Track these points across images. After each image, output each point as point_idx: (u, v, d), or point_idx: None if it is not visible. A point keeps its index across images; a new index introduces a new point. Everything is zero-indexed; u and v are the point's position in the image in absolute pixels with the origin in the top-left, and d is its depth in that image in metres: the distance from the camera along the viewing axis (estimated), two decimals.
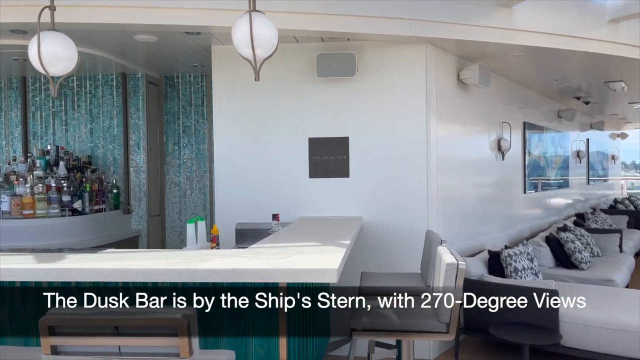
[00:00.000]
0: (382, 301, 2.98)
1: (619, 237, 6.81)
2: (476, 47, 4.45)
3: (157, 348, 1.74)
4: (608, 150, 12.51)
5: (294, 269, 2.22)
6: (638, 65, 5.34)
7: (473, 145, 5.29)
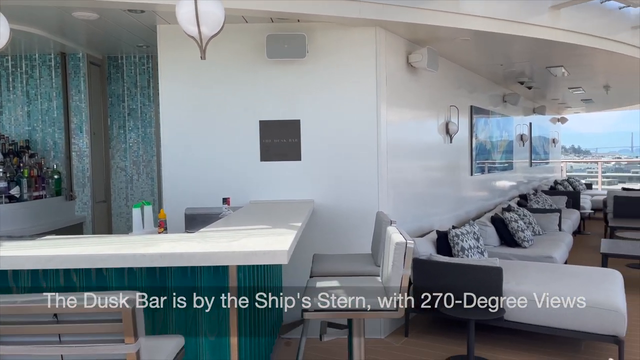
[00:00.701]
0: (333, 281, 3.01)
1: (559, 216, 7.14)
2: (425, 30, 4.49)
3: (100, 335, 1.68)
4: (549, 134, 13.06)
5: (243, 252, 2.19)
6: (577, 51, 5.58)
7: (422, 129, 5.38)
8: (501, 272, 4.01)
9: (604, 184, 17.84)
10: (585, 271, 4.56)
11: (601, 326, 3.72)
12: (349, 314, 2.65)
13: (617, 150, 39.73)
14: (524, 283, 4.17)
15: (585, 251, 7.81)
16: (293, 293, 4.42)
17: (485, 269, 4.05)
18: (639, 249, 5.81)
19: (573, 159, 30.02)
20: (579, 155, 37.97)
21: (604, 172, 20.24)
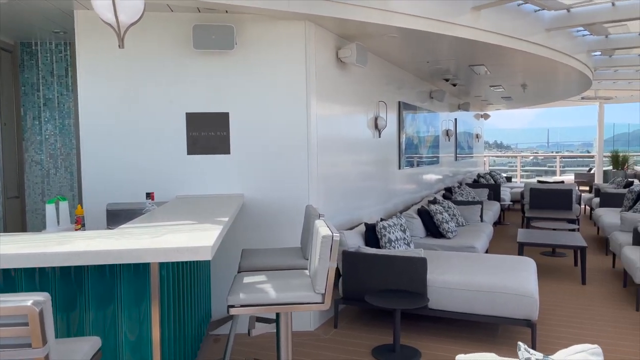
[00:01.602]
0: (260, 276, 2.99)
1: (480, 208, 7.50)
2: (354, 26, 4.55)
3: (4, 340, 1.57)
4: (473, 129, 13.69)
5: (165, 248, 2.12)
6: (497, 51, 5.86)
7: (352, 123, 5.46)
8: (425, 262, 4.16)
9: (522, 177, 18.99)
10: (503, 259, 4.82)
11: (515, 311, 3.95)
12: (276, 309, 2.64)
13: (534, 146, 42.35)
14: (447, 272, 4.34)
15: (504, 240, 8.28)
16: (221, 289, 4.37)
17: (410, 260, 4.19)
18: (550, 238, 6.22)
19: (496, 153, 31.70)
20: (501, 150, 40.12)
21: (523, 166, 21.52)
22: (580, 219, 9.81)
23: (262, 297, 2.63)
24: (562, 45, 6.49)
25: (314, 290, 2.68)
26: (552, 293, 5.45)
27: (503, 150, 39.50)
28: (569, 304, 5.10)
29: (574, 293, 5.45)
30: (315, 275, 2.71)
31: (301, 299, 2.66)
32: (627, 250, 5.41)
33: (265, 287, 2.72)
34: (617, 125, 19.39)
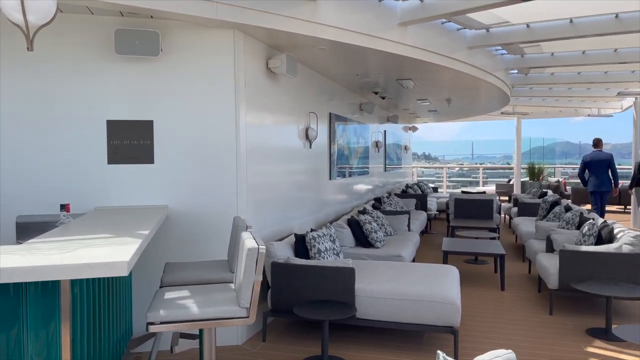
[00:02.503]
0: (183, 291, 2.89)
1: (408, 217, 7.71)
2: (284, 37, 4.55)
3: None
4: (402, 141, 14.11)
5: (75, 265, 1.99)
6: (423, 67, 6.08)
7: (283, 134, 5.44)
8: (353, 272, 4.20)
9: (448, 188, 19.77)
10: (428, 268, 4.96)
11: (439, 318, 4.07)
12: (198, 325, 2.55)
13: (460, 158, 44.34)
14: (375, 282, 4.41)
15: (431, 249, 8.55)
16: (144, 305, 4.18)
17: (339, 270, 4.21)
18: (473, 246, 6.49)
19: (424, 164, 32.84)
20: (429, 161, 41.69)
21: (449, 177, 22.44)
22: (500, 227, 10.33)
23: (184, 313, 2.54)
24: (482, 63, 6.84)
25: (239, 304, 2.62)
26: (474, 299, 5.68)
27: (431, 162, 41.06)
28: (490, 309, 5.33)
29: (494, 299, 5.71)
30: (240, 289, 2.65)
31: (225, 314, 2.59)
32: (541, 257, 5.75)
33: (187, 303, 2.62)
34: (534, 139, 20.74)
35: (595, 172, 9.58)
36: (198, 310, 2.56)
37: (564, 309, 5.30)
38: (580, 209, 7.22)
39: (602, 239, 5.52)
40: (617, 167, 9.56)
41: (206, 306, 2.59)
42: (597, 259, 4.97)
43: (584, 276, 4.98)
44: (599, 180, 9.53)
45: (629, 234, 5.19)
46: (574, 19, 5.61)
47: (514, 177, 16.46)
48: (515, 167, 16.37)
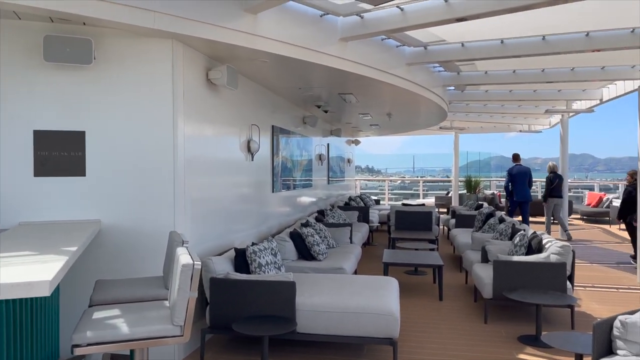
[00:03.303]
0: (114, 310, 2.76)
1: (350, 230, 7.78)
2: (224, 48, 4.50)
3: None
4: (345, 154, 14.28)
5: None
6: (363, 82, 6.20)
7: (224, 146, 5.37)
8: (294, 286, 4.17)
9: (390, 200, 20.17)
10: (368, 280, 5.01)
11: (378, 330, 4.11)
12: (129, 345, 2.44)
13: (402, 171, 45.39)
14: (316, 295, 4.39)
15: (372, 261, 8.65)
16: (73, 326, 3.96)
17: (279, 284, 4.17)
18: (412, 258, 6.63)
19: (367, 177, 33.36)
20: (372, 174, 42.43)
21: (391, 190, 22.91)
22: (439, 239, 10.62)
23: (113, 333, 2.42)
24: (421, 79, 7.06)
25: (172, 322, 2.53)
26: (413, 310, 5.78)
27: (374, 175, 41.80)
28: (428, 320, 5.44)
29: (433, 309, 5.84)
30: (174, 307, 2.57)
31: (157, 333, 2.49)
32: (476, 267, 5.95)
33: (117, 322, 2.51)
34: (470, 153, 21.60)
35: (519, 184, 10.62)
36: (128, 330, 2.45)
37: (498, 318, 5.49)
38: (512, 221, 7.55)
39: (532, 249, 5.78)
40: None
41: (137, 325, 2.49)
42: (528, 269, 5.20)
43: (516, 285, 5.18)
44: (522, 191, 10.60)
45: (556, 244, 5.47)
46: (504, 39, 5.90)
47: (452, 189, 17.02)
48: (453, 180, 16.95)
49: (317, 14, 4.94)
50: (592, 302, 6.15)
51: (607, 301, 6.23)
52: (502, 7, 4.21)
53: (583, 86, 9.32)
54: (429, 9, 4.62)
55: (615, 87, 8.88)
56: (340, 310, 4.18)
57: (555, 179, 11.22)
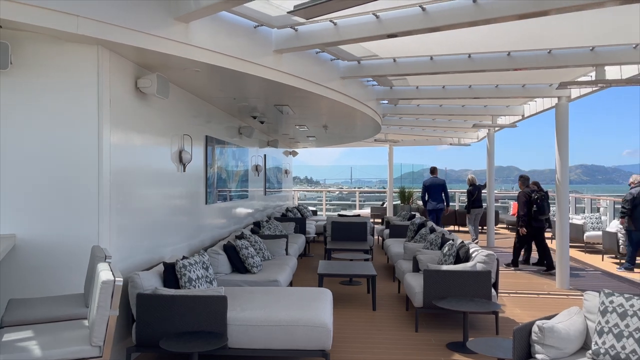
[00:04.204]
0: (27, 332, 2.59)
1: (286, 241, 7.75)
2: (154, 56, 4.38)
3: None
4: (282, 165, 14.26)
5: None
6: (299, 94, 6.23)
7: (154, 156, 5.20)
8: (226, 300, 4.09)
9: (328, 211, 20.33)
10: (302, 292, 5.00)
11: (311, 342, 4.10)
12: None
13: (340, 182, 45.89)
14: (248, 309, 4.33)
15: (308, 272, 8.66)
16: None
17: (210, 299, 4.07)
18: (347, 268, 6.69)
19: (306, 188, 33.47)
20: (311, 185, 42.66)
21: (330, 200, 23.11)
22: (374, 249, 10.80)
23: (24, 357, 2.26)
24: (355, 93, 7.20)
25: (91, 342, 2.40)
26: (347, 320, 5.82)
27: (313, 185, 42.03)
28: (361, 330, 5.50)
29: (366, 319, 5.91)
30: (93, 326, 2.44)
31: (74, 355, 2.35)
32: (408, 276, 6.10)
33: (29, 345, 2.34)
34: (404, 165, 22.30)
35: (433, 195, 11.65)
36: (41, 353, 2.29)
37: (429, 325, 5.64)
38: (442, 231, 7.81)
39: (460, 258, 6.00)
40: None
41: (52, 347, 2.34)
42: (456, 277, 5.39)
43: (445, 293, 5.35)
44: (436, 201, 11.62)
45: (482, 253, 5.71)
46: (434, 56, 6.14)
47: (387, 200, 17.41)
48: (388, 191, 17.34)
49: (251, 25, 4.92)
50: (516, 308, 6.46)
51: (529, 307, 6.57)
52: (430, 25, 4.38)
53: (507, 102, 9.85)
54: (361, 24, 4.73)
55: (535, 104, 9.46)
56: (273, 323, 4.14)
57: (474, 190, 11.98)
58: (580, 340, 3.44)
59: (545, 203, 8.74)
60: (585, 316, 3.55)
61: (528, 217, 8.87)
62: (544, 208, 8.71)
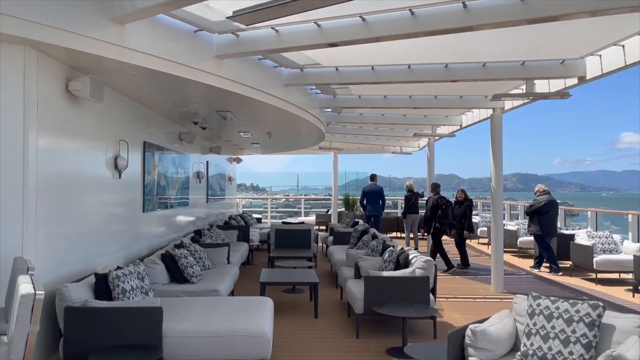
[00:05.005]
0: None
1: (228, 250, 7.62)
2: (87, 58, 4.20)
3: None
4: (226, 172, 14.05)
5: None
6: (241, 99, 6.15)
7: (87, 162, 4.98)
8: (161, 311, 3.95)
9: (274, 218, 20.21)
10: (243, 301, 4.92)
11: (250, 352, 4.04)
12: None
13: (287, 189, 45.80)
14: (186, 320, 4.21)
15: (251, 280, 8.52)
16: None
17: (145, 311, 3.92)
18: (289, 276, 6.66)
19: (252, 195, 33.14)
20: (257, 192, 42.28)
21: (276, 207, 22.98)
22: (317, 256, 10.81)
23: None
24: (298, 100, 7.21)
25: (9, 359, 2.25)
26: (288, 329, 5.78)
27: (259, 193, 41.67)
28: (303, 338, 5.47)
29: (308, 327, 5.89)
30: (11, 342, 2.28)
31: None
32: (349, 283, 6.14)
33: None
34: (349, 172, 22.54)
35: (371, 201, 12.25)
36: None
37: (370, 332, 5.69)
38: (383, 237, 7.93)
39: (400, 264, 6.11)
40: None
41: None
42: (395, 283, 5.47)
43: (386, 299, 5.42)
44: (373, 206, 12.25)
45: (420, 259, 5.84)
46: (375, 66, 6.25)
47: (332, 207, 17.52)
48: (332, 199, 17.47)
49: (191, 30, 4.83)
50: (453, 312, 6.65)
51: (466, 310, 6.78)
52: (369, 35, 4.46)
53: (446, 112, 10.19)
54: (303, 32, 4.74)
55: (472, 115, 9.83)
56: (211, 334, 4.04)
57: (412, 197, 12.43)
58: (510, 342, 3.57)
59: (449, 209, 9.78)
60: (515, 319, 3.69)
61: (433, 220, 9.88)
62: (447, 213, 9.75)
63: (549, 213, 9.61)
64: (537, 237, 9.77)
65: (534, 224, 9.66)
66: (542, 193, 9.94)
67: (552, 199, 9.79)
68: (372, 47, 5.16)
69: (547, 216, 9.60)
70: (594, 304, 3.29)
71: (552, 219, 9.68)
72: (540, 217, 9.53)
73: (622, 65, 5.36)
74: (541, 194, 9.91)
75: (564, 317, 3.30)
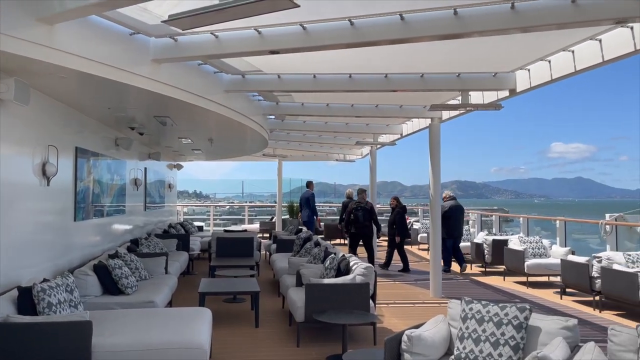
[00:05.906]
0: None
1: (166, 259, 7.39)
2: (11, 59, 3.95)
3: None
4: (166, 179, 13.66)
5: None
6: (179, 105, 6.00)
7: (11, 169, 4.68)
8: (91, 325, 3.76)
9: (217, 226, 19.84)
10: (180, 312, 4.78)
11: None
12: None
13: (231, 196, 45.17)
14: (118, 333, 4.03)
15: (190, 291, 8.30)
16: None
17: (72, 325, 3.72)
18: (230, 285, 6.54)
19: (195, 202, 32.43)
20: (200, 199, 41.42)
21: (220, 215, 22.58)
22: (261, 264, 10.70)
23: None
24: (240, 107, 7.12)
25: None
26: (228, 339, 5.66)
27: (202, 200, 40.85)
28: (243, 348, 5.38)
29: (248, 336, 5.80)
30: None
31: None
32: (291, 291, 6.11)
33: None
34: (294, 179, 22.57)
35: (301, 208, 13.35)
36: None
37: (311, 340, 5.68)
38: (326, 244, 7.96)
39: (342, 271, 6.14)
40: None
41: None
42: (336, 290, 5.49)
43: (327, 307, 5.41)
44: (302, 213, 13.37)
45: (361, 265, 5.89)
46: (317, 74, 6.29)
47: (276, 215, 17.43)
48: (277, 206, 17.38)
49: (127, 32, 4.66)
50: (393, 318, 6.75)
51: (406, 316, 6.91)
52: (310, 44, 4.48)
53: (387, 121, 10.40)
54: (243, 38, 4.69)
55: (412, 124, 10.08)
56: (144, 347, 3.89)
57: (348, 203, 12.60)
58: (444, 346, 3.66)
59: (360, 214, 10.28)
60: (449, 323, 3.79)
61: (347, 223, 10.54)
62: (358, 217, 10.28)
63: (453, 217, 10.45)
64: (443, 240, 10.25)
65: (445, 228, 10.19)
66: (449, 199, 10.79)
67: (457, 204, 10.73)
68: (314, 55, 5.19)
69: (452, 220, 10.40)
70: (521, 307, 3.43)
71: (457, 222, 10.62)
72: (446, 221, 9.92)
73: (549, 79, 5.67)
74: (447, 200, 10.74)
75: (494, 321, 3.42)
